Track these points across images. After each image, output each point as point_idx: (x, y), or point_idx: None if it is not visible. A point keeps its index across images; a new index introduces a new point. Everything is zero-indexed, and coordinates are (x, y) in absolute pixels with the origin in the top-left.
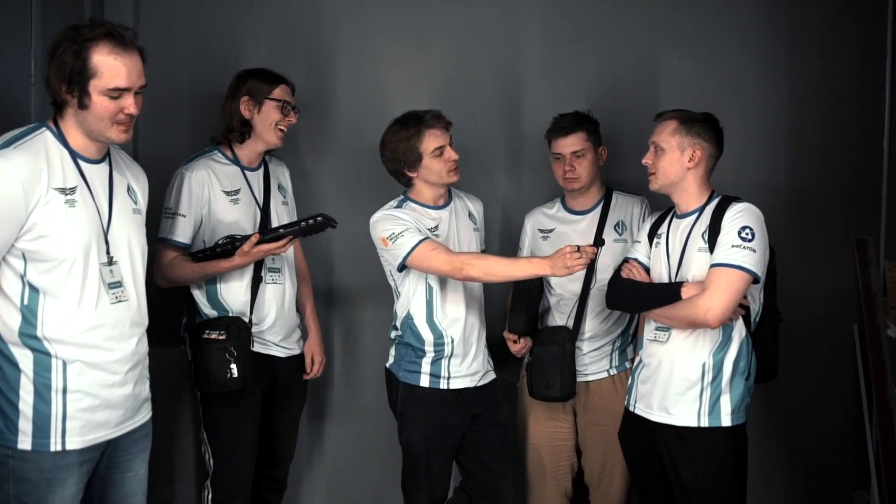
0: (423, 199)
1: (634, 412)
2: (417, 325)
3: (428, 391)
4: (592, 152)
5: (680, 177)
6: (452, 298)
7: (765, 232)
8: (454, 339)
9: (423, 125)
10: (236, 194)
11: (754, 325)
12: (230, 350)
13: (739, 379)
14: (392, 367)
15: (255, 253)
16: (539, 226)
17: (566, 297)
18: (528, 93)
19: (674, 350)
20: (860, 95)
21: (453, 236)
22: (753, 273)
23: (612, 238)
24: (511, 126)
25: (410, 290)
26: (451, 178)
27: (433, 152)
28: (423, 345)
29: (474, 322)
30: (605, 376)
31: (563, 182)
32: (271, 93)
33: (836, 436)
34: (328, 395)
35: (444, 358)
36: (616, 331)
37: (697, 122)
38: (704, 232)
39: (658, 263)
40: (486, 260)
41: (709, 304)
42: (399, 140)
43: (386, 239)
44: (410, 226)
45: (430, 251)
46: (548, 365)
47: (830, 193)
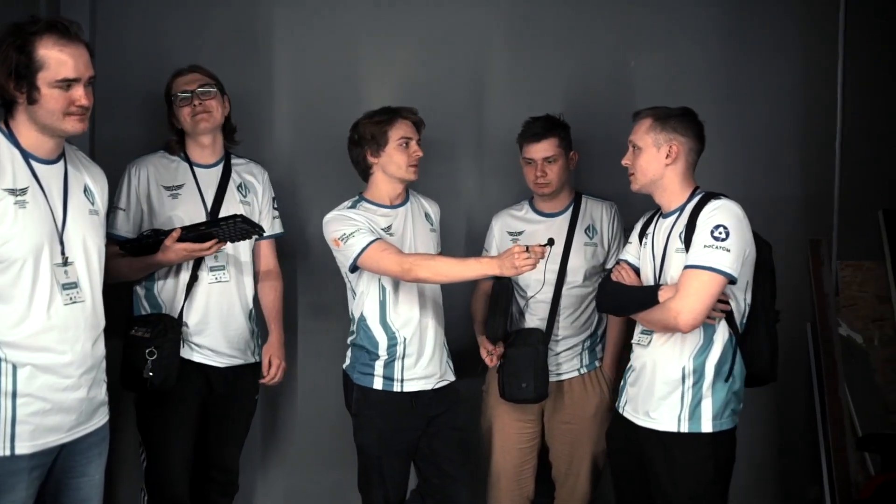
0: (377, 197)
1: (623, 414)
2: (371, 327)
3: (382, 394)
4: (563, 157)
5: (659, 174)
6: (406, 299)
7: (744, 229)
8: (406, 340)
9: (397, 114)
10: (177, 189)
11: (742, 326)
12: (151, 349)
13: (722, 383)
14: (348, 370)
15: (177, 250)
16: (508, 228)
17: (538, 298)
18: (495, 94)
19: (655, 354)
20: (814, 100)
21: (409, 236)
22: (727, 274)
23: (582, 241)
24: (477, 127)
25: (364, 291)
26: (410, 175)
27: (400, 140)
28: (377, 347)
29: (429, 323)
30: (575, 375)
31: (534, 187)
32: (171, 90)
33: (792, 433)
34: (288, 396)
35: (397, 359)
36: (587, 331)
37: (673, 117)
38: (682, 232)
39: (645, 265)
40: (434, 261)
41: (679, 307)
42: (371, 122)
43: (338, 239)
44: (362, 226)
45: (380, 252)
46: (522, 367)
47: (785, 197)
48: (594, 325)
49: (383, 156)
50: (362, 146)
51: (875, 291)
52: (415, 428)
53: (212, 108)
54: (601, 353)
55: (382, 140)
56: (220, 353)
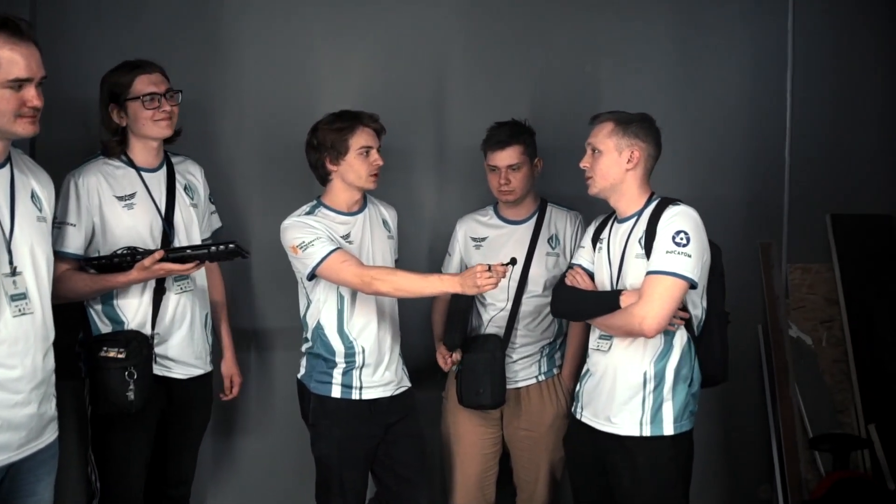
0: (336, 203)
1: (581, 420)
2: (328, 336)
3: (340, 402)
4: (528, 165)
5: (619, 179)
6: (363, 308)
7: (702, 234)
8: (365, 349)
9: (358, 121)
10: (131, 199)
11: (698, 330)
12: (130, 370)
13: (682, 386)
14: (303, 379)
15: (156, 270)
16: (472, 233)
17: (497, 305)
18: (456, 98)
19: (616, 359)
20: (763, 103)
21: (367, 243)
22: (689, 279)
23: (544, 251)
24: (438, 132)
25: (321, 298)
26: (369, 184)
27: (360, 150)
28: (334, 355)
29: (387, 331)
30: (533, 382)
31: (498, 194)
32: (131, 88)
33: (743, 433)
34: (239, 407)
35: (356, 368)
36: (545, 339)
37: (634, 122)
38: (641, 237)
39: (601, 270)
40: (395, 275)
41: (643, 313)
42: (331, 129)
43: (296, 247)
44: (321, 234)
45: (340, 263)
46: (479, 373)
47: (736, 200)
48: (553, 334)
49: (343, 164)
50: (321, 152)
51: (824, 294)
52: (373, 435)
53: (175, 114)
54: (560, 360)
55: (342, 148)
56: (184, 363)
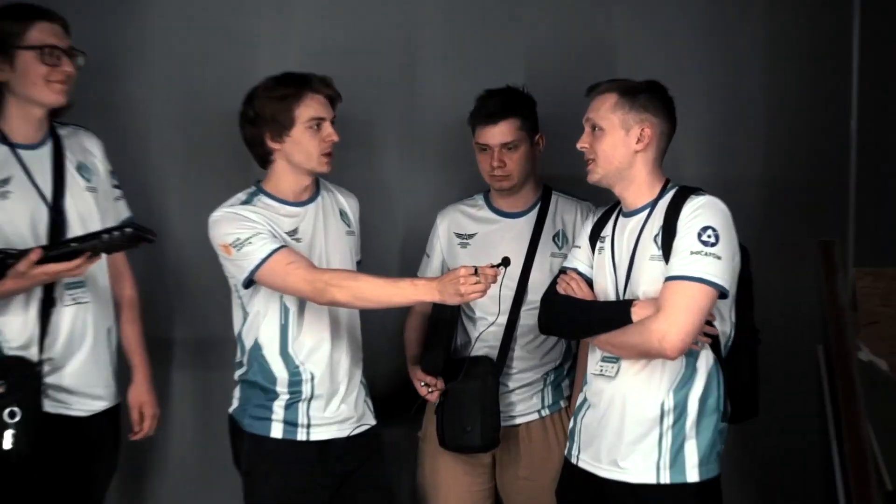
0: (280, 191)
1: (578, 465)
2: (267, 358)
3: (281, 444)
4: (527, 143)
5: (626, 163)
6: (314, 322)
7: (732, 232)
8: (315, 376)
9: (306, 87)
10: (5, 185)
11: (726, 351)
12: (11, 408)
13: (708, 420)
14: (236, 413)
15: (36, 275)
16: (457, 228)
17: (488, 319)
18: (433, 58)
19: (625, 387)
20: (828, 80)
21: (320, 241)
22: (719, 286)
23: (548, 251)
24: (409, 101)
25: (260, 311)
26: (321, 166)
27: (309, 122)
28: (275, 384)
29: (343, 353)
30: (535, 418)
31: (490, 179)
32: (26, 35)
33: (796, 483)
34: (154, 448)
35: (302, 401)
36: (550, 363)
37: (643, 92)
38: (657, 235)
39: (602, 275)
40: (357, 281)
41: (664, 328)
42: (272, 97)
43: (229, 246)
44: (262, 229)
45: (285, 265)
46: (466, 406)
47: (792, 189)
48: (560, 356)
49: (288, 141)
50: (260, 126)
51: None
52: (324, 487)
53: (72, 81)
54: (568, 390)
55: (287, 121)
56: (84, 395)
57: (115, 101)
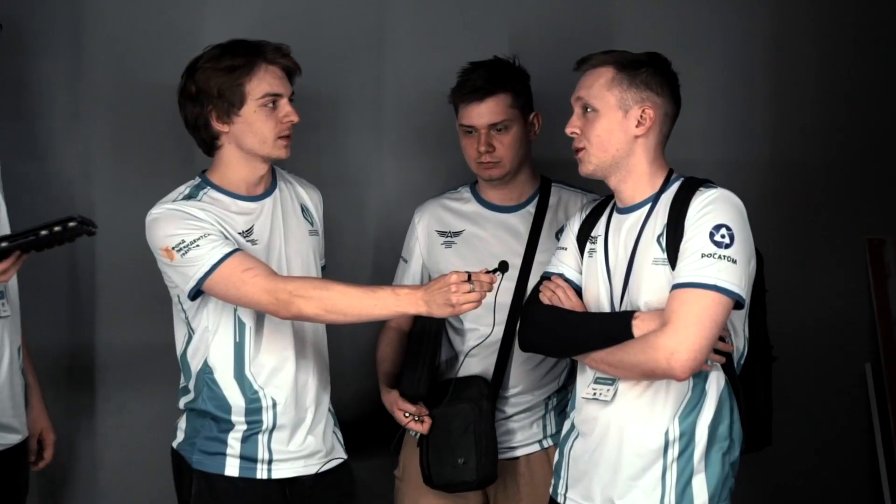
0: (230, 183)
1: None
2: (220, 383)
3: (237, 483)
4: (520, 123)
5: (624, 150)
6: (275, 340)
7: (748, 231)
8: (277, 403)
9: (259, 57)
10: None
11: (738, 370)
12: None
13: (719, 451)
14: (181, 448)
15: None
16: (439, 226)
17: (481, 331)
18: (407, 25)
19: (623, 413)
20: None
21: (278, 242)
22: (735, 294)
23: (550, 252)
24: (378, 75)
25: (210, 328)
26: (278, 150)
27: (263, 99)
28: (229, 412)
29: (310, 375)
30: (536, 449)
31: (478, 167)
32: None
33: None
34: (78, 493)
35: (262, 432)
36: (553, 384)
37: (645, 66)
38: (661, 234)
39: (594, 282)
40: (327, 290)
41: (673, 344)
42: (218, 69)
43: (171, 249)
44: (211, 230)
45: (241, 272)
46: (456, 433)
47: (831, 175)
48: (563, 376)
49: (237, 122)
50: (203, 105)
51: None
52: None
53: None
54: None
55: (236, 97)
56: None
57: (31, 78)
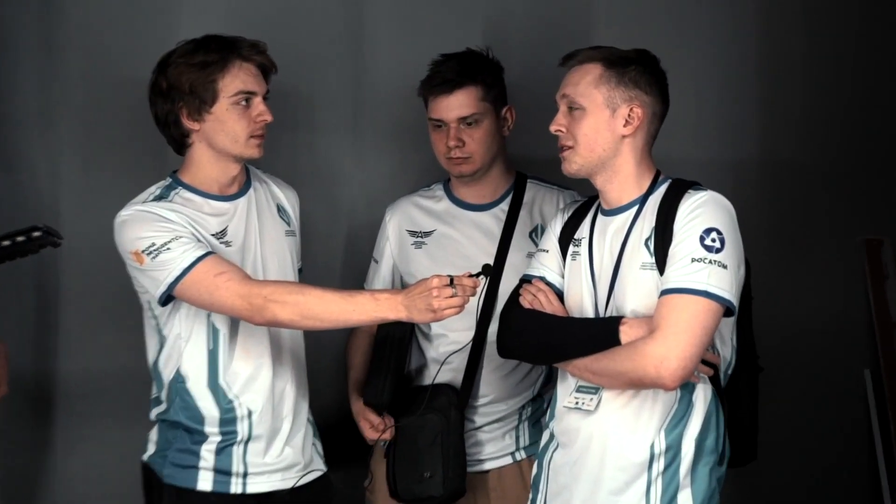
0: (202, 183)
1: None
2: (193, 392)
3: (211, 498)
4: (492, 117)
5: (611, 150)
6: (250, 347)
7: (738, 235)
8: (253, 412)
9: (233, 53)
10: None
11: (725, 380)
12: None
13: (706, 465)
14: (152, 461)
15: None
16: (409, 225)
17: (449, 339)
18: (382, 18)
19: (607, 423)
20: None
21: (253, 245)
22: (726, 301)
23: (523, 252)
24: (353, 71)
25: (182, 334)
26: (251, 149)
27: (236, 97)
28: (203, 423)
29: (288, 383)
30: (508, 462)
31: (448, 163)
32: None
33: None
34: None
35: (238, 444)
36: (527, 392)
37: (633, 64)
38: (649, 238)
39: (577, 287)
40: (304, 295)
41: (663, 352)
42: (190, 65)
43: (141, 253)
44: (182, 232)
45: (213, 276)
46: (423, 445)
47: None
48: (538, 383)
49: (209, 120)
50: (174, 102)
51: None
52: None
53: None
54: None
55: (208, 94)
56: None
57: None
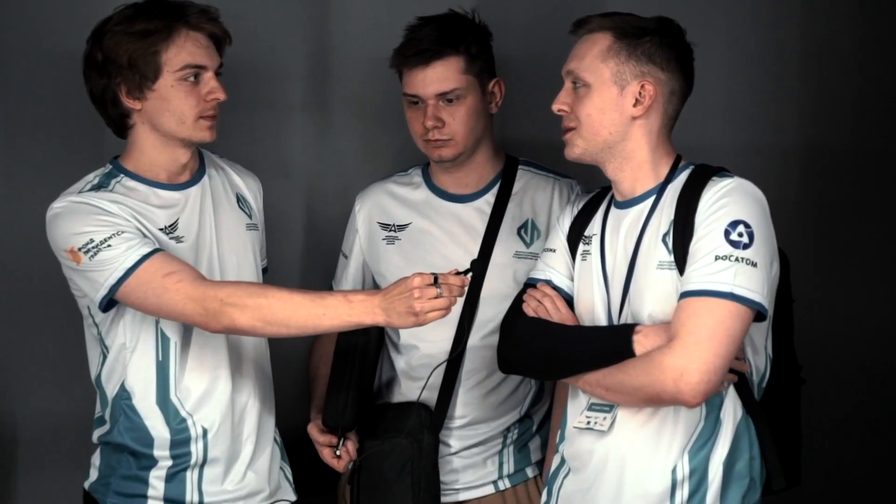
0: (148, 170)
1: None
2: (140, 410)
3: None
4: (476, 92)
5: (619, 133)
6: (206, 355)
7: (771, 229)
8: (208, 432)
9: (180, 20)
10: None
11: (759, 394)
12: None
13: (737, 491)
14: (94, 489)
15: None
16: (381, 216)
17: (421, 351)
18: None
19: (624, 445)
20: None
21: (207, 239)
22: (756, 304)
23: (511, 250)
24: (319, 41)
25: (127, 343)
26: (201, 132)
27: (183, 71)
28: (151, 446)
29: (250, 397)
30: (490, 492)
31: (426, 146)
32: None
33: None
34: None
35: (191, 468)
36: (512, 413)
37: (648, 34)
38: (667, 233)
39: (588, 290)
40: (266, 298)
41: (682, 363)
42: (130, 33)
43: (78, 251)
44: (126, 226)
45: (161, 277)
46: (390, 474)
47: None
48: (525, 404)
49: (151, 98)
50: (111, 76)
51: None
52: None
53: None
54: (539, 453)
55: (150, 69)
56: None
57: None
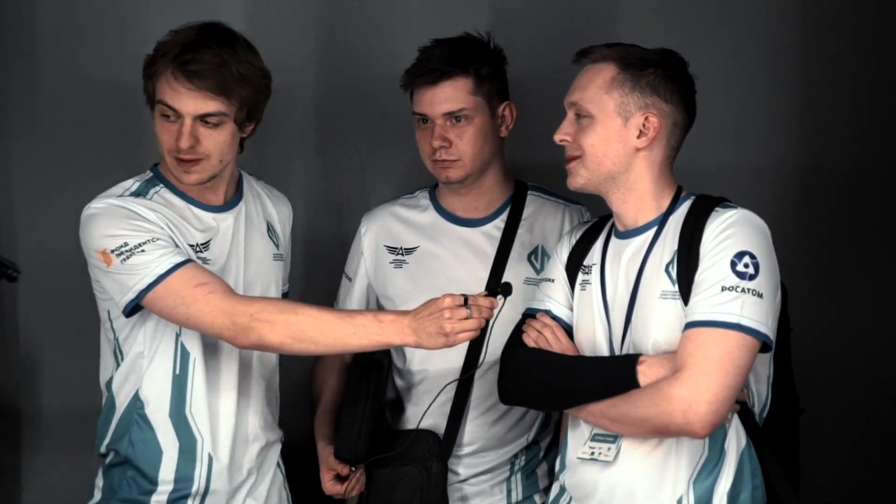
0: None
1: None
2: (154, 424)
3: None
4: (485, 114)
5: (623, 164)
6: (226, 373)
7: (774, 260)
8: (213, 463)
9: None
10: None
11: (761, 423)
12: None
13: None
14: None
15: None
16: (388, 239)
17: (431, 377)
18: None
19: (629, 476)
20: None
21: (235, 265)
22: (762, 335)
23: (521, 276)
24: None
25: (145, 353)
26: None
27: (160, 107)
28: (156, 469)
29: (261, 419)
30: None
31: (433, 166)
32: None
33: None
34: None
35: (192, 496)
36: (520, 439)
37: (652, 65)
38: (670, 263)
39: (588, 320)
40: (297, 314)
41: (690, 395)
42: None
43: (110, 252)
44: (160, 234)
45: (193, 287)
46: (400, 502)
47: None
48: (532, 431)
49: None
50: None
51: None
52: None
53: None
54: (546, 480)
55: (148, 92)
56: None
57: None
